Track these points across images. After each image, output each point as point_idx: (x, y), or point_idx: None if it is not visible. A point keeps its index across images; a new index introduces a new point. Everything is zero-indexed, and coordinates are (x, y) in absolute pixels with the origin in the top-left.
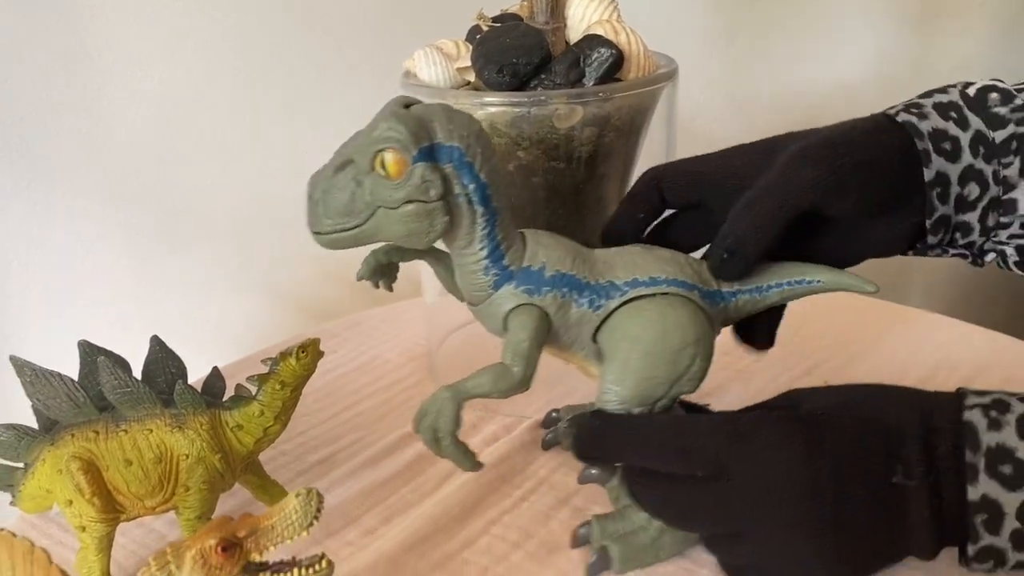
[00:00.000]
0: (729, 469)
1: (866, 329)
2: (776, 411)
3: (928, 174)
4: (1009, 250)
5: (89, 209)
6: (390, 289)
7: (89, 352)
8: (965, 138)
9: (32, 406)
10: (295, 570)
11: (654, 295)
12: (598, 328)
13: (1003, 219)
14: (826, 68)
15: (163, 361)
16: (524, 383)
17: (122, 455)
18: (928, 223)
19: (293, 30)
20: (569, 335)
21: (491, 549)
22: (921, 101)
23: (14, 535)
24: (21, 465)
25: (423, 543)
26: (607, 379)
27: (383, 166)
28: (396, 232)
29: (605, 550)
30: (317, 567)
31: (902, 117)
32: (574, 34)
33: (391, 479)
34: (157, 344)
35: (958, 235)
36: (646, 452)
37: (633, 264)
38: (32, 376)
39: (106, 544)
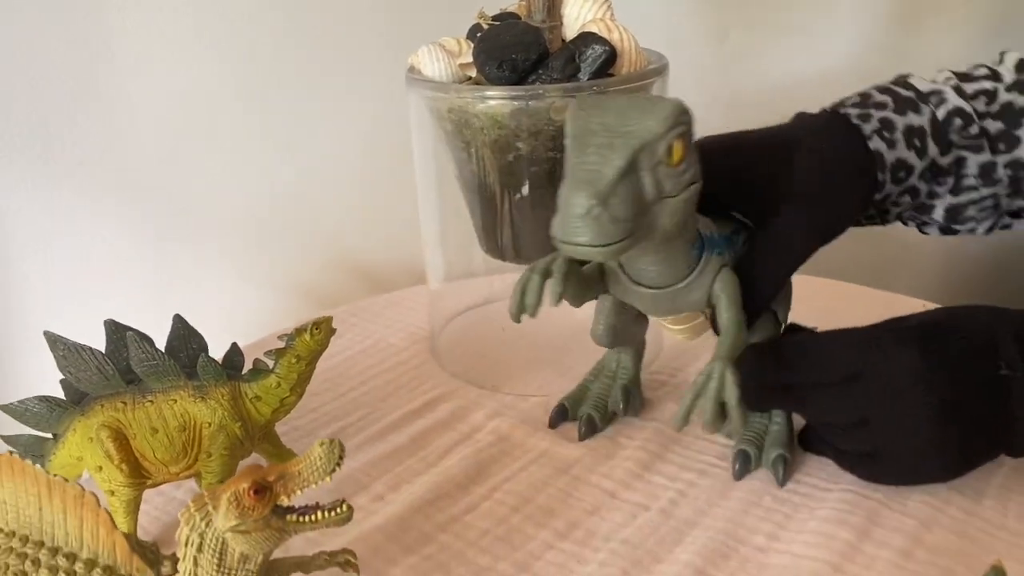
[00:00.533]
0: (863, 373)
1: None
2: (891, 327)
3: (877, 196)
4: (911, 224)
5: (106, 203)
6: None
7: (116, 330)
8: (919, 167)
9: (60, 380)
10: (318, 512)
11: None
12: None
13: (916, 214)
14: (814, 65)
15: (185, 338)
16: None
17: (148, 424)
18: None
19: (301, 31)
20: None
21: (492, 512)
22: (895, 120)
23: (66, 480)
24: (50, 436)
25: (428, 507)
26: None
27: (669, 153)
28: (672, 222)
29: (783, 458)
30: (339, 510)
31: (874, 144)
32: (570, 32)
33: (398, 451)
34: (180, 322)
35: (875, 218)
36: (803, 370)
37: (711, 222)
38: (65, 350)
39: (133, 507)
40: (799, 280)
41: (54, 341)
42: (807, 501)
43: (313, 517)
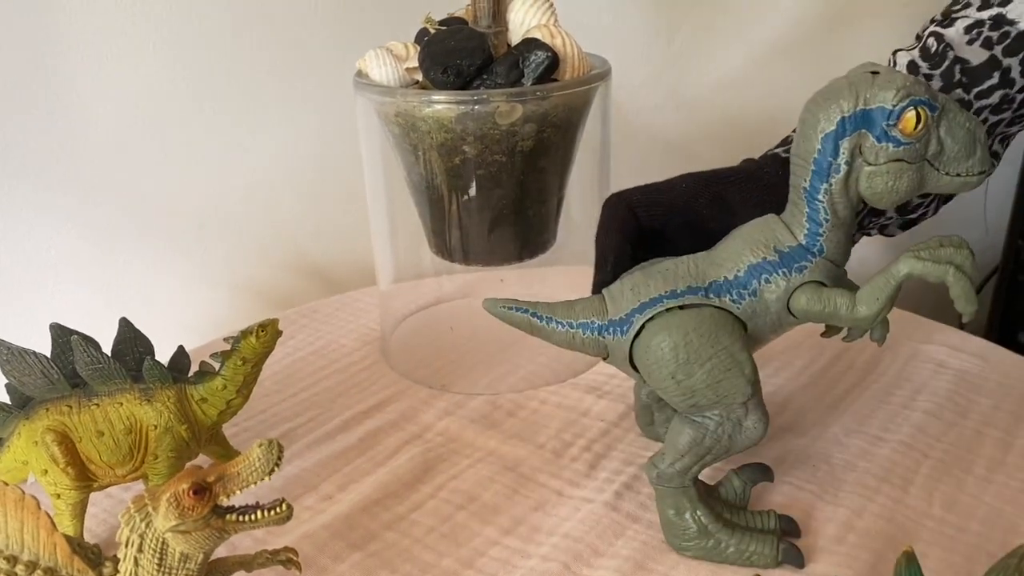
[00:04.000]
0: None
1: None
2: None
3: None
4: (873, 232)
5: (53, 202)
6: None
7: (61, 333)
8: None
9: (5, 384)
10: (258, 512)
11: None
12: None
13: (872, 218)
14: (758, 66)
15: (131, 341)
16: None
17: (94, 427)
18: None
19: (252, 33)
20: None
21: (438, 511)
22: None
23: (6, 483)
24: None
25: (375, 505)
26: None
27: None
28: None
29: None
30: (278, 510)
31: None
32: (515, 37)
33: (347, 451)
34: (126, 325)
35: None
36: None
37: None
38: (8, 354)
39: (79, 510)
40: None
41: None
42: None
43: (253, 516)
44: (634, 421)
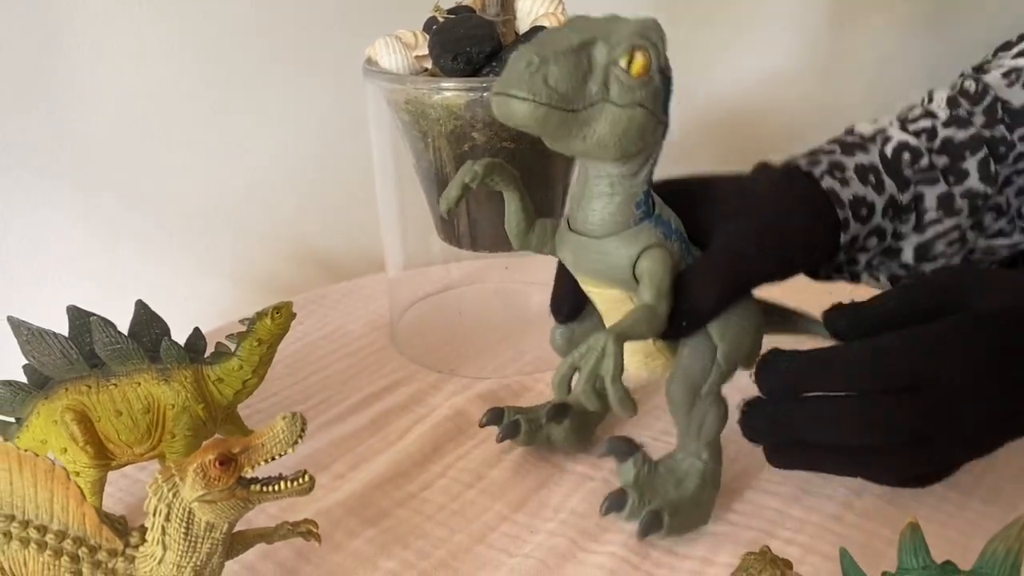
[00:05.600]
0: (924, 381)
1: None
2: (954, 319)
3: (844, 238)
4: (882, 277)
5: (58, 194)
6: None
7: (78, 316)
8: (880, 202)
9: (23, 366)
10: (282, 483)
11: None
12: None
13: (885, 260)
14: (758, 61)
15: (147, 323)
16: (665, 320)
17: (112, 406)
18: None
19: (258, 21)
20: None
21: (447, 489)
22: (844, 161)
23: (36, 454)
24: (13, 420)
25: (387, 484)
26: (713, 337)
27: (629, 62)
28: (609, 132)
29: (656, 513)
30: (300, 480)
31: (827, 183)
32: (522, 26)
33: (358, 432)
34: (142, 307)
35: (843, 269)
36: (844, 377)
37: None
38: (28, 335)
39: (98, 488)
40: None
41: (17, 326)
42: (742, 472)
43: (276, 487)
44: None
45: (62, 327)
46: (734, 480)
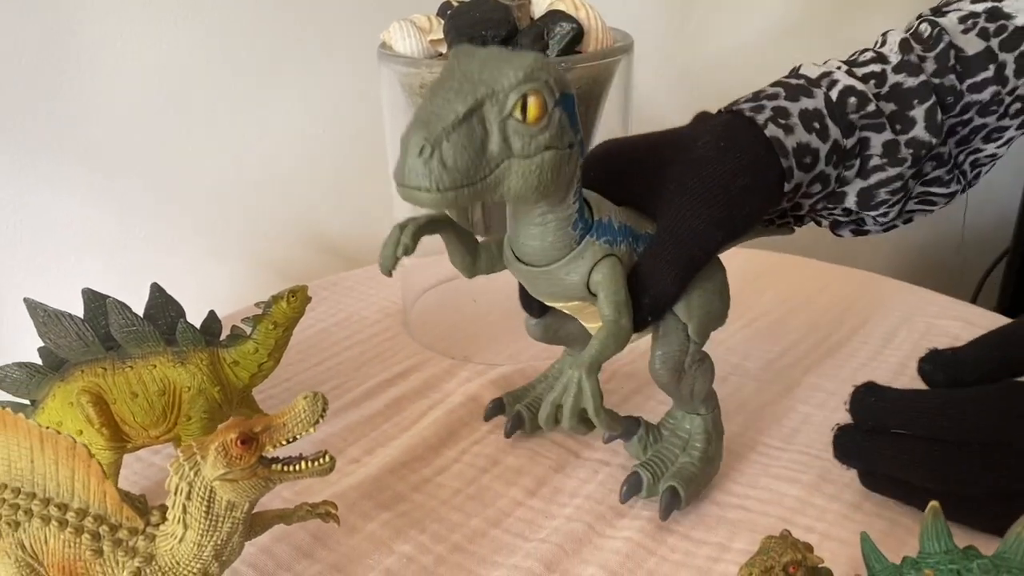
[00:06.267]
0: (1008, 438)
1: (825, 293)
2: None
3: (787, 187)
4: (824, 222)
5: (75, 177)
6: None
7: (93, 298)
8: (824, 149)
9: (39, 348)
10: (302, 462)
11: None
12: None
13: (828, 205)
14: (772, 46)
15: (163, 306)
16: (631, 331)
17: (128, 389)
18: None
19: (272, 6)
20: None
21: (462, 474)
22: (788, 107)
23: (58, 432)
24: (28, 402)
25: (402, 468)
26: (681, 318)
27: (523, 110)
28: (523, 185)
29: (673, 489)
30: (321, 460)
31: (771, 131)
32: (537, 10)
33: (372, 417)
34: (157, 290)
35: (787, 215)
36: (921, 423)
37: (641, 219)
38: (45, 317)
39: (114, 471)
40: (763, 256)
41: (34, 308)
42: (761, 459)
43: (297, 467)
44: (649, 391)
45: (76, 310)
46: (752, 467)
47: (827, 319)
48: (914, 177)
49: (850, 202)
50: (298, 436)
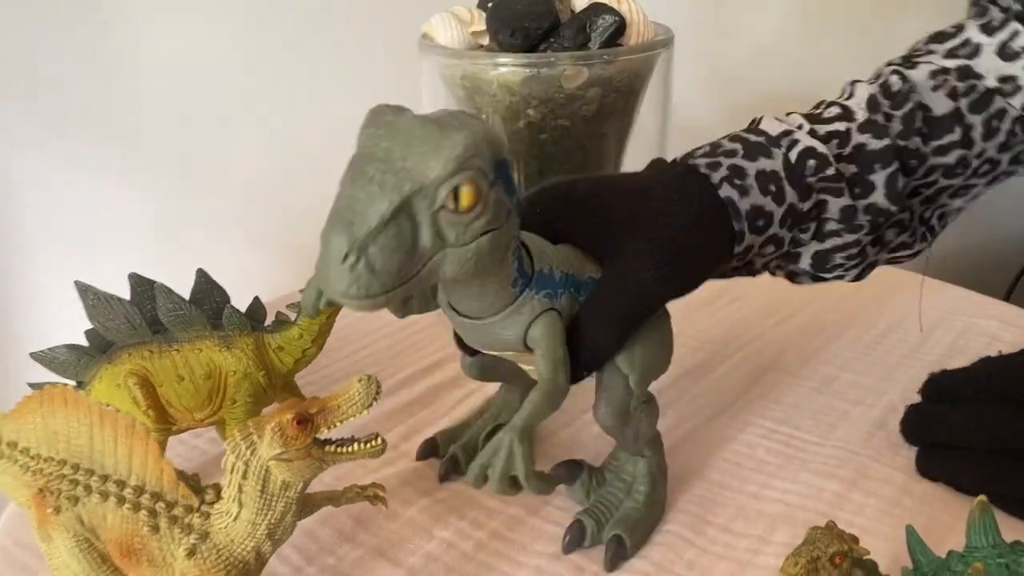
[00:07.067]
0: None
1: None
2: None
3: (738, 248)
4: (780, 274)
5: (114, 162)
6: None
7: (140, 283)
8: (779, 212)
9: (86, 331)
10: (355, 444)
11: None
12: None
13: (782, 263)
14: (805, 42)
15: (208, 291)
16: (567, 390)
17: (175, 372)
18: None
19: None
20: None
21: None
22: (745, 166)
23: (118, 410)
24: (75, 383)
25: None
26: (623, 369)
27: (456, 198)
28: (460, 271)
29: (619, 538)
30: (373, 443)
31: (725, 192)
32: (579, 2)
33: (409, 405)
34: (203, 276)
35: (740, 269)
36: (997, 384)
37: (585, 261)
38: (95, 300)
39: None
40: None
41: (84, 290)
42: (799, 454)
43: (350, 448)
44: (676, 378)
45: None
46: (790, 462)
47: (862, 316)
48: (873, 244)
49: (804, 263)
50: (352, 417)
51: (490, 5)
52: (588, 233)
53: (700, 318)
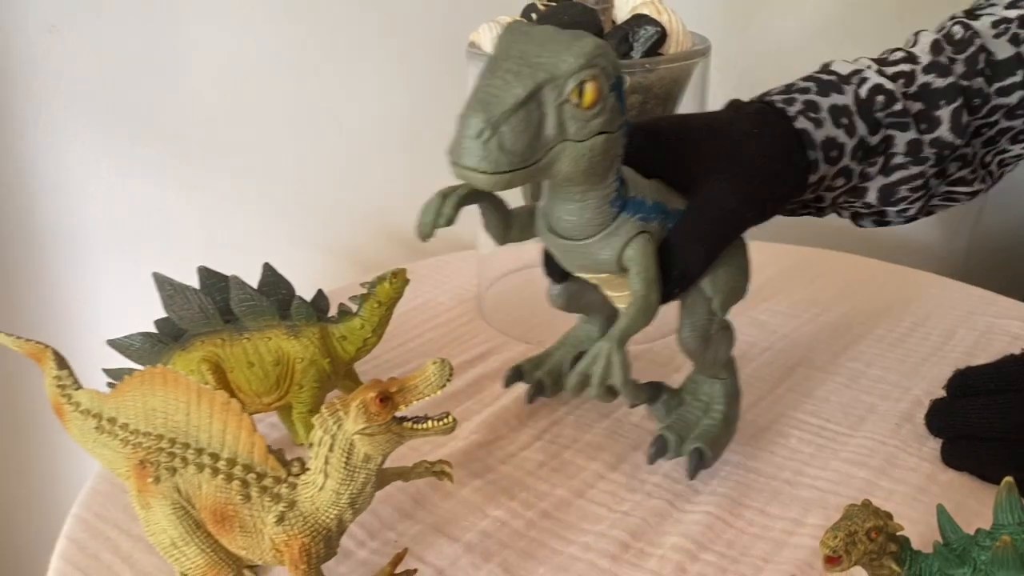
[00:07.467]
0: None
1: (865, 283)
2: None
3: (812, 178)
4: (844, 214)
5: (165, 163)
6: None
7: (209, 275)
8: (850, 144)
9: (156, 320)
10: (429, 422)
11: None
12: None
13: (850, 199)
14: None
15: (275, 284)
16: (658, 306)
17: (245, 358)
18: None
19: (363, 4)
20: None
21: (545, 449)
22: (819, 101)
23: (216, 388)
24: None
25: (489, 444)
26: (707, 292)
27: (580, 95)
28: (574, 167)
29: (699, 451)
30: (445, 421)
31: (800, 123)
32: (620, 13)
33: (456, 394)
34: (269, 270)
35: (809, 205)
36: (1007, 426)
37: (672, 194)
38: (171, 290)
39: None
40: (823, 254)
41: (162, 282)
42: (830, 444)
43: (425, 425)
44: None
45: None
46: (822, 451)
47: (888, 316)
48: (937, 176)
49: (871, 197)
50: (427, 397)
51: (538, 16)
52: (675, 165)
53: (732, 319)
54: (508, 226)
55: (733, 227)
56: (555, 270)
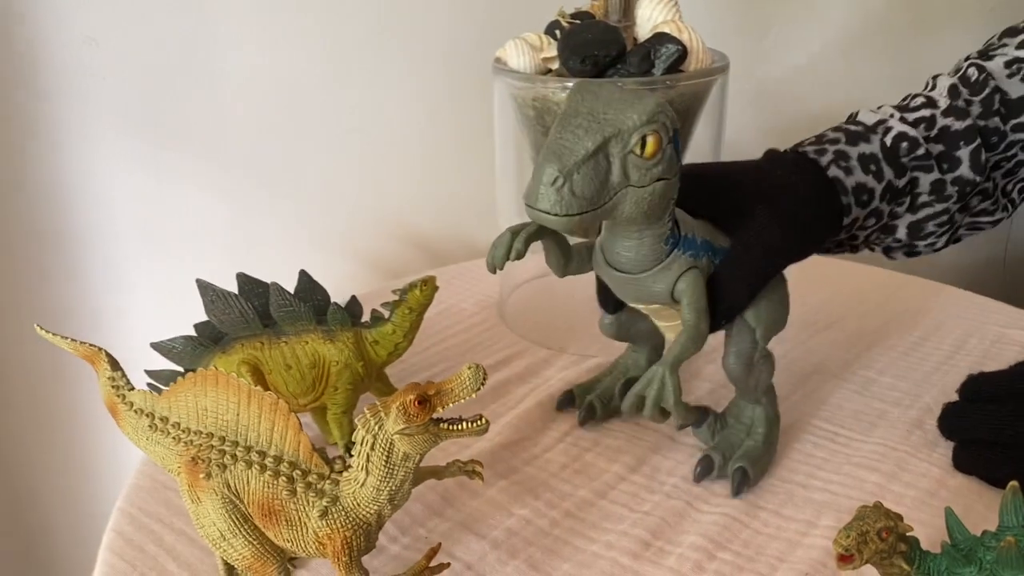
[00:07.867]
0: None
1: (877, 293)
2: None
3: (846, 220)
4: (877, 249)
5: (196, 171)
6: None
7: (247, 282)
8: (879, 189)
9: (195, 324)
10: (464, 423)
11: None
12: None
13: (882, 236)
14: (846, 64)
15: (310, 290)
16: (707, 334)
17: (283, 361)
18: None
19: (386, 19)
20: None
21: (567, 451)
22: (848, 150)
23: (264, 389)
24: (183, 372)
25: (512, 445)
26: (750, 323)
27: (642, 147)
28: (635, 209)
29: (743, 470)
30: (478, 422)
31: (832, 172)
32: (641, 31)
33: (480, 398)
34: (305, 276)
35: (844, 244)
36: (1018, 432)
37: (717, 233)
38: (213, 296)
39: None
40: (838, 264)
41: (205, 288)
42: (843, 449)
43: (460, 426)
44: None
45: (186, 293)
46: (835, 456)
47: (900, 325)
48: (961, 210)
49: (901, 234)
50: (462, 400)
51: (559, 33)
52: (720, 207)
53: None
54: (568, 260)
55: (775, 265)
56: (608, 301)
